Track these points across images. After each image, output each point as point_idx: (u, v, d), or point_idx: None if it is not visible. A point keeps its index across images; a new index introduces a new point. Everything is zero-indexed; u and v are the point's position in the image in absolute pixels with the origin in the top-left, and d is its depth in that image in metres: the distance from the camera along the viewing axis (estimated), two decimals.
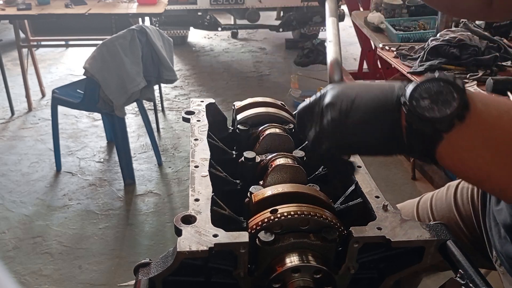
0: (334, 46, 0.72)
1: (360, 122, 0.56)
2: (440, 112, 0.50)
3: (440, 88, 0.51)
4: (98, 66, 2.73)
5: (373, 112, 0.56)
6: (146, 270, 0.63)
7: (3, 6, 3.78)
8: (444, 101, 0.50)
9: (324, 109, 0.60)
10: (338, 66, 0.68)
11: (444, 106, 0.50)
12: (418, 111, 0.51)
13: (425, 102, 0.51)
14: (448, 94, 0.50)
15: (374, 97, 0.57)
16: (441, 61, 2.23)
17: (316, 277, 0.65)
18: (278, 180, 0.78)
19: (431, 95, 0.51)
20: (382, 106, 0.55)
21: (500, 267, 0.95)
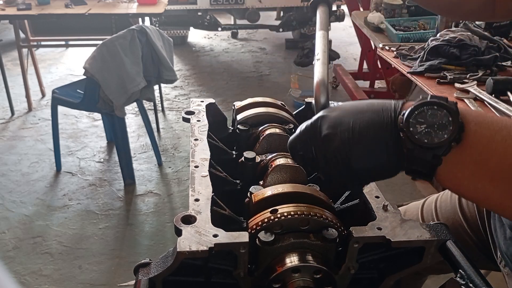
0: (322, 65, 0.69)
1: (364, 150, 0.56)
2: (437, 137, 0.52)
3: (434, 112, 0.52)
4: (98, 66, 2.73)
5: (374, 138, 0.56)
6: (146, 270, 0.63)
7: (3, 6, 3.78)
8: (440, 125, 0.52)
9: (323, 140, 0.59)
10: (325, 87, 0.66)
11: (441, 130, 0.51)
12: (417, 137, 0.52)
13: (422, 127, 0.52)
14: (443, 117, 0.52)
15: (371, 122, 0.56)
16: (441, 61, 2.23)
17: (316, 277, 0.65)
18: (278, 180, 0.78)
19: (427, 120, 0.52)
20: (382, 132, 0.55)
21: (505, 268, 0.95)
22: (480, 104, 1.89)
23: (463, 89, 2.02)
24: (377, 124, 0.56)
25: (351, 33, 6.13)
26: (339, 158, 0.58)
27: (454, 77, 2.13)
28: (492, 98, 1.88)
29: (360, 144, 0.56)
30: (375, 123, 0.56)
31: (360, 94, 4.00)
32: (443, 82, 2.14)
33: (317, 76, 0.68)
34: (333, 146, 0.58)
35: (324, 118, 0.60)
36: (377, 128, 0.55)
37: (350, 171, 0.58)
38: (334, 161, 0.59)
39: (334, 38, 6.12)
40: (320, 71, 0.69)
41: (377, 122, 0.56)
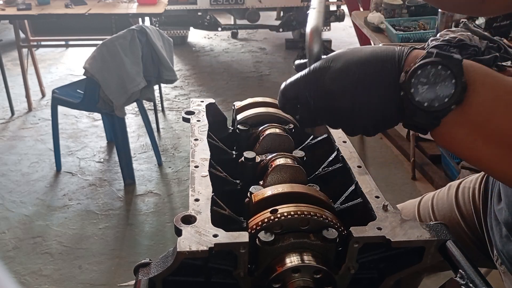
0: (317, 13, 0.65)
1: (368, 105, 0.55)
2: (438, 100, 0.50)
3: (438, 71, 0.50)
4: (98, 66, 2.73)
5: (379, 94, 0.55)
6: (146, 270, 0.63)
7: (3, 6, 3.78)
8: (442, 86, 0.50)
9: (327, 93, 0.57)
10: (319, 35, 0.62)
11: (443, 92, 0.50)
12: (417, 100, 0.51)
13: (423, 88, 0.51)
14: (447, 78, 0.50)
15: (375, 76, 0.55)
16: None
17: (316, 277, 0.65)
18: (278, 180, 0.78)
19: (429, 79, 0.50)
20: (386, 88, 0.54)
21: (501, 266, 0.95)
22: None
23: None
24: (382, 79, 0.54)
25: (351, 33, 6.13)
26: (342, 111, 0.57)
27: None
28: None
29: (364, 99, 0.55)
30: (379, 78, 0.54)
31: None
32: None
33: (310, 24, 0.64)
34: (336, 100, 0.57)
35: (328, 69, 0.58)
36: (381, 83, 0.54)
37: (352, 121, 0.58)
38: (335, 113, 0.58)
39: (334, 38, 6.12)
40: (314, 18, 0.65)
41: (382, 76, 0.54)
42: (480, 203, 1.07)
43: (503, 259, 0.92)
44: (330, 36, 6.08)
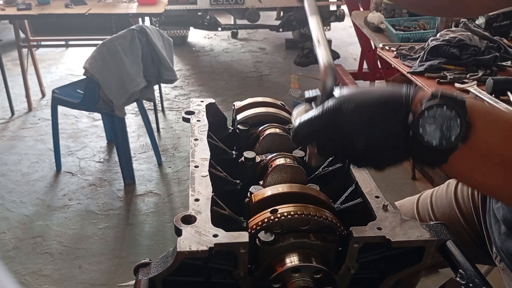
0: (324, 48, 0.68)
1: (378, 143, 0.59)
2: (445, 139, 0.54)
3: (443, 113, 0.54)
4: (98, 66, 2.73)
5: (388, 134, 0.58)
6: (146, 270, 0.63)
7: (3, 6, 3.78)
8: (448, 126, 0.54)
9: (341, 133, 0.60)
10: (332, 70, 0.65)
11: (449, 131, 0.54)
12: (426, 140, 0.54)
13: (430, 128, 0.54)
14: (452, 118, 0.54)
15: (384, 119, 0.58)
16: (441, 61, 2.23)
17: (316, 277, 0.65)
18: (278, 180, 0.78)
19: (436, 120, 0.54)
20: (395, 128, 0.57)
21: (500, 263, 0.96)
22: None
23: (463, 89, 2.02)
24: (391, 121, 0.58)
25: (351, 33, 6.13)
26: (355, 151, 0.60)
27: (454, 77, 2.13)
28: (492, 98, 1.88)
29: (375, 139, 0.58)
30: (389, 119, 0.58)
31: None
32: (443, 82, 2.14)
33: (322, 60, 0.67)
34: (350, 140, 0.59)
35: (341, 111, 0.60)
36: (391, 125, 0.58)
37: (364, 159, 0.62)
38: (348, 152, 0.61)
39: (334, 38, 6.12)
40: (324, 54, 0.68)
41: (391, 118, 0.58)
42: (479, 201, 1.07)
43: (502, 256, 0.93)
44: (330, 36, 6.07)
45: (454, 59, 2.23)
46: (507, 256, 0.91)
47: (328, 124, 0.61)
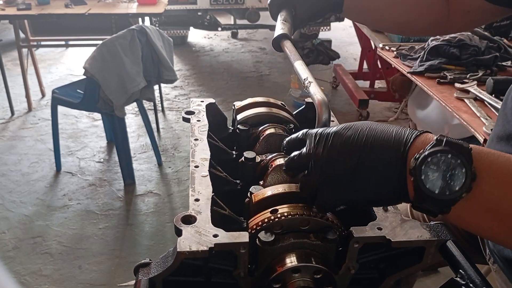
0: (316, 86, 0.72)
1: (370, 182, 0.56)
2: (449, 189, 0.50)
3: (448, 160, 0.51)
4: (98, 66, 2.73)
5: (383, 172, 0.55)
6: (146, 270, 0.63)
7: (3, 6, 3.78)
8: (452, 175, 0.50)
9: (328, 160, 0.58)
10: (326, 105, 0.68)
11: (453, 181, 0.50)
12: (428, 187, 0.51)
13: (434, 176, 0.51)
14: (457, 167, 0.50)
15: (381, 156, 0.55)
16: (441, 61, 2.23)
17: (316, 277, 0.65)
18: (278, 180, 0.78)
19: (439, 167, 0.51)
20: (391, 169, 0.55)
21: (493, 265, 0.96)
22: (480, 104, 1.89)
23: (463, 89, 2.02)
24: (385, 159, 0.55)
25: (351, 33, 6.13)
26: (342, 183, 0.58)
27: (454, 77, 2.13)
28: (492, 98, 1.88)
29: (361, 173, 0.56)
30: (382, 157, 0.55)
31: (360, 94, 4.00)
32: (443, 82, 2.14)
33: (316, 96, 0.70)
34: (338, 170, 0.57)
35: (338, 133, 0.58)
36: (383, 163, 0.55)
37: (350, 197, 0.59)
38: (334, 183, 0.59)
39: (334, 38, 6.12)
40: (317, 91, 0.72)
41: (385, 156, 0.55)
42: None
43: (495, 257, 0.93)
44: (330, 36, 6.07)
45: (454, 59, 2.23)
46: (499, 258, 0.91)
47: (314, 143, 0.60)
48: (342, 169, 0.57)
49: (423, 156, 0.51)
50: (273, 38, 0.89)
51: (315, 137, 0.61)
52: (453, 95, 2.00)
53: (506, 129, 0.86)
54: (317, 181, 0.61)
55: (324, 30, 5.91)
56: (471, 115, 1.82)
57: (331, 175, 0.58)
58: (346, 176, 0.57)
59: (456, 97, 1.99)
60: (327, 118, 0.68)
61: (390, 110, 4.35)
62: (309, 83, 0.74)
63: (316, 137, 0.60)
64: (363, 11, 1.05)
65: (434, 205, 0.52)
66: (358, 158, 0.56)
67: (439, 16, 1.02)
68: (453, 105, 1.93)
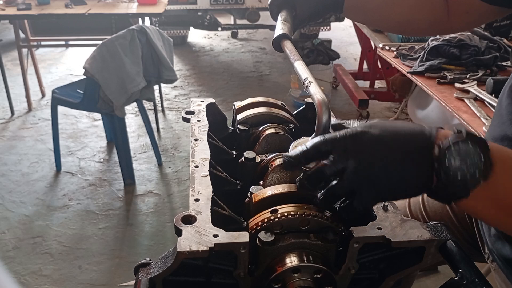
0: (316, 87, 0.72)
1: (397, 174, 0.59)
2: (470, 174, 0.56)
3: (468, 149, 0.56)
4: (98, 66, 2.73)
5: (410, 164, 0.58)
6: (146, 270, 0.63)
7: (3, 6, 3.78)
8: (472, 162, 0.56)
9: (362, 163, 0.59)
10: (326, 105, 0.68)
11: (473, 167, 0.56)
12: (451, 173, 0.56)
13: (456, 162, 0.56)
14: (476, 155, 0.56)
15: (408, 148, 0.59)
16: (441, 61, 2.23)
17: (316, 277, 0.65)
18: (278, 180, 0.78)
19: (460, 155, 0.56)
20: (418, 158, 0.58)
21: (492, 264, 0.96)
22: (480, 104, 1.89)
23: (463, 89, 2.02)
24: (415, 150, 0.59)
25: (351, 33, 6.13)
26: (376, 175, 0.59)
27: (454, 77, 2.13)
28: (492, 98, 1.88)
29: (398, 165, 0.59)
30: (413, 148, 0.59)
31: (360, 94, 4.00)
32: (443, 82, 2.14)
33: (316, 97, 0.70)
34: (376, 169, 0.59)
35: (366, 134, 0.60)
36: (414, 154, 0.59)
37: (382, 186, 0.60)
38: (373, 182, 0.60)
39: (334, 38, 6.12)
40: (317, 91, 0.71)
41: (415, 147, 0.59)
42: None
43: (494, 256, 0.94)
44: (330, 36, 6.07)
45: (454, 59, 2.23)
46: (498, 257, 0.91)
47: (353, 141, 0.60)
48: (378, 167, 0.59)
49: (448, 145, 0.56)
50: (273, 38, 0.89)
51: (343, 142, 0.60)
52: (453, 95, 2.00)
53: (501, 130, 0.86)
54: (351, 187, 0.61)
55: (324, 30, 5.91)
56: (471, 115, 1.83)
57: (370, 176, 0.59)
58: (382, 173, 0.59)
59: (456, 97, 1.99)
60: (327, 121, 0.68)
61: (390, 110, 4.35)
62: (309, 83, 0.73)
63: (346, 141, 0.60)
64: (364, 11, 1.05)
65: (455, 189, 0.56)
66: (391, 153, 0.59)
67: (440, 16, 1.02)
68: (453, 105, 1.93)
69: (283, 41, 0.88)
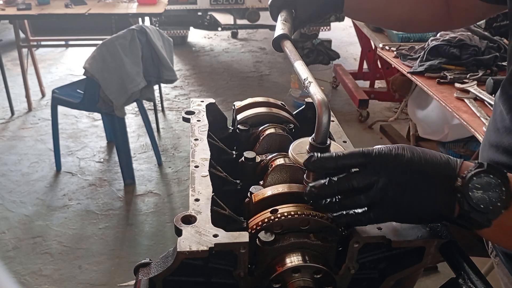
0: (315, 86, 0.72)
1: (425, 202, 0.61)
2: (492, 204, 0.58)
3: (490, 180, 0.58)
4: (98, 66, 2.73)
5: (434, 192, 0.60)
6: (146, 270, 0.63)
7: (3, 6, 3.78)
8: (494, 193, 0.58)
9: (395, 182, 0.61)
10: (326, 105, 0.68)
11: (495, 198, 0.58)
12: (474, 202, 0.58)
13: (478, 192, 0.58)
14: (497, 186, 0.58)
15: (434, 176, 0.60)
16: (441, 61, 2.23)
17: (316, 277, 0.65)
18: (278, 180, 0.78)
19: (483, 186, 0.58)
20: (442, 188, 0.60)
21: (495, 258, 0.97)
22: (480, 104, 1.89)
23: (463, 89, 2.02)
24: (441, 180, 0.61)
25: (351, 33, 6.13)
26: (402, 204, 0.61)
27: (454, 77, 2.13)
28: (492, 98, 1.88)
29: (420, 193, 0.60)
30: (440, 178, 0.61)
31: (360, 94, 4.00)
32: (443, 82, 2.14)
33: (316, 96, 0.69)
34: (401, 192, 0.60)
35: (403, 157, 0.61)
36: (440, 183, 0.61)
37: (394, 208, 0.61)
38: (396, 204, 0.61)
39: (334, 38, 6.12)
40: (316, 91, 0.71)
41: (442, 177, 0.61)
42: None
43: (497, 251, 0.94)
44: (330, 36, 6.07)
45: (454, 59, 2.23)
46: (501, 251, 0.92)
47: (380, 163, 0.61)
48: (404, 190, 0.60)
49: (470, 176, 0.58)
50: (273, 39, 0.89)
51: (380, 158, 0.61)
52: (453, 95, 2.00)
53: (497, 137, 0.87)
54: (374, 201, 0.61)
55: (324, 30, 5.90)
56: (471, 115, 1.82)
57: (395, 196, 0.60)
58: (407, 196, 0.60)
59: (456, 97, 1.99)
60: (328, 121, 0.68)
61: (390, 110, 4.35)
62: (309, 83, 0.73)
63: (382, 158, 0.61)
64: (364, 10, 1.05)
65: (479, 217, 0.58)
66: (420, 179, 0.60)
67: (440, 13, 1.03)
68: (453, 105, 1.93)
69: (283, 41, 0.88)
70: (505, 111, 0.86)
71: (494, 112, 0.92)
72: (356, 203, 0.62)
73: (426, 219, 0.64)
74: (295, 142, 0.74)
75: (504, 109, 0.87)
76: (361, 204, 0.62)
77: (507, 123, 0.85)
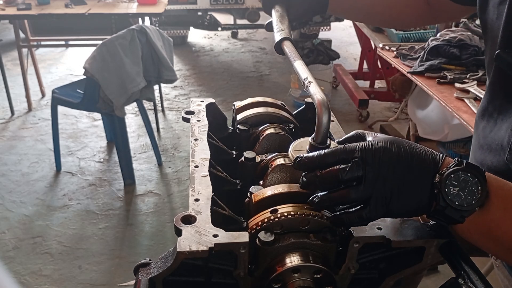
0: (315, 86, 0.72)
1: (405, 195, 0.62)
2: (467, 202, 0.59)
3: (467, 178, 0.60)
4: (98, 66, 2.73)
5: (417, 186, 0.61)
6: (146, 270, 0.63)
7: (3, 6, 3.78)
8: (469, 191, 0.60)
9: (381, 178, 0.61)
10: (326, 105, 0.68)
11: (470, 195, 0.60)
12: (450, 198, 0.59)
13: (455, 190, 0.59)
14: (474, 184, 0.60)
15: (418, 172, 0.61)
16: (441, 61, 2.23)
17: (316, 277, 0.65)
18: (278, 180, 0.78)
19: (460, 183, 0.60)
20: (424, 183, 0.61)
21: (497, 261, 0.97)
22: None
23: (463, 89, 2.02)
24: (424, 175, 0.62)
25: (351, 33, 6.13)
26: (391, 199, 0.61)
27: (454, 77, 2.13)
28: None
29: (407, 187, 0.61)
30: (422, 173, 0.62)
31: (360, 94, 4.00)
32: (443, 82, 2.14)
33: (316, 96, 0.69)
34: (391, 186, 0.61)
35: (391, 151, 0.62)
36: (420, 179, 0.62)
37: (386, 203, 0.62)
38: (385, 199, 0.61)
39: (334, 38, 6.12)
40: (316, 91, 0.71)
41: (424, 172, 0.62)
42: None
43: None
44: (330, 36, 6.07)
45: (454, 59, 2.23)
46: None
47: (363, 159, 0.61)
48: (392, 184, 0.61)
49: (447, 173, 0.60)
50: (275, 43, 0.90)
51: (363, 153, 0.61)
52: (453, 95, 2.00)
53: (481, 153, 0.89)
54: (366, 196, 0.61)
55: (324, 30, 5.91)
56: (471, 115, 1.82)
57: (384, 190, 0.61)
58: (395, 190, 0.61)
59: (456, 97, 1.99)
60: (328, 121, 0.68)
61: (390, 110, 4.35)
62: (309, 83, 0.73)
63: (366, 153, 0.61)
64: (348, 10, 1.10)
65: (453, 213, 0.60)
66: (406, 174, 0.61)
67: (421, 11, 1.07)
68: (453, 105, 1.93)
69: (283, 43, 0.88)
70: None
71: (476, 127, 0.93)
72: (344, 197, 0.62)
73: (410, 213, 0.64)
74: (295, 142, 0.74)
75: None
76: (349, 198, 0.62)
77: (489, 141, 0.86)
